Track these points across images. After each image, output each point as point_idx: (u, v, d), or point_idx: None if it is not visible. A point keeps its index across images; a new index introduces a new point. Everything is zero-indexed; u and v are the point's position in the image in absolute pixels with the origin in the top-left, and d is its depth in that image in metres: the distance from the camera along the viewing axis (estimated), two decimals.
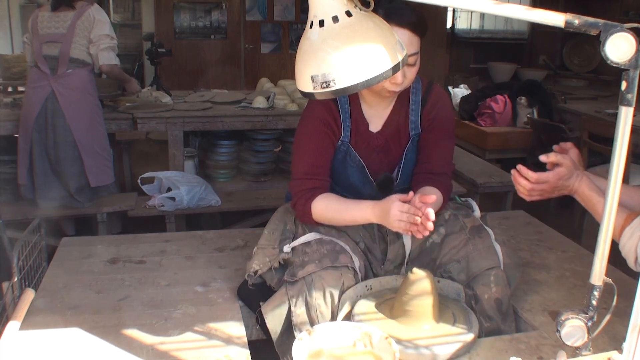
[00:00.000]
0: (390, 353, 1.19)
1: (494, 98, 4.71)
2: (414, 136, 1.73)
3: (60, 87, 3.03)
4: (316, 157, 1.69)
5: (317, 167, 1.69)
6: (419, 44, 1.55)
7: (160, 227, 3.13)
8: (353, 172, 1.73)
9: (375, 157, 1.73)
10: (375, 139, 1.72)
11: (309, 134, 1.69)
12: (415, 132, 1.73)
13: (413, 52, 1.52)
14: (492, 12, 0.86)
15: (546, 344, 1.46)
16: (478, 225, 1.70)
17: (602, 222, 0.83)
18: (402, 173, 1.76)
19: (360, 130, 1.71)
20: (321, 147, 1.69)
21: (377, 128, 1.72)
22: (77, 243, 2.14)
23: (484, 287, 1.58)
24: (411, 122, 1.72)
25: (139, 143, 4.77)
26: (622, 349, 0.80)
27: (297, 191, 1.69)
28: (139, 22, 6.30)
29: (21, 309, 1.59)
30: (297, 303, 1.52)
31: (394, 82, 1.53)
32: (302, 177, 1.68)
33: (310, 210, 1.65)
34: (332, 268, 1.55)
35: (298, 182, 1.69)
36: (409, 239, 1.72)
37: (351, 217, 1.62)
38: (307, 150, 1.70)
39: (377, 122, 1.72)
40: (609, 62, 0.78)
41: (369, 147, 1.72)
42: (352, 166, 1.72)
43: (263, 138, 3.78)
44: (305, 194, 1.66)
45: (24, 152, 3.08)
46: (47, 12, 3.09)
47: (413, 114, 1.72)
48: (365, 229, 1.75)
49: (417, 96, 1.72)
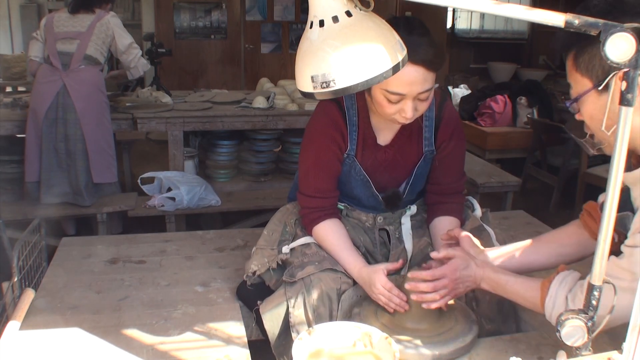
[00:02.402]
0: (390, 353, 1.19)
1: (494, 98, 4.72)
2: (427, 153, 1.67)
3: (72, 82, 3.10)
4: (322, 177, 1.66)
5: (324, 185, 1.66)
6: (433, 79, 1.46)
7: (160, 227, 3.13)
8: (357, 184, 1.70)
9: (382, 171, 1.68)
10: (383, 152, 1.66)
11: (315, 150, 1.65)
12: (429, 148, 1.67)
13: (427, 89, 1.44)
14: (492, 12, 0.86)
15: (546, 344, 1.46)
16: (478, 226, 1.70)
17: (602, 221, 0.83)
18: (410, 188, 1.72)
19: (367, 143, 1.65)
20: (327, 166, 1.65)
21: (386, 141, 1.66)
22: (77, 243, 2.14)
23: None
24: (425, 138, 1.66)
25: (139, 143, 4.76)
26: (622, 349, 0.80)
27: (304, 206, 1.69)
28: (139, 22, 6.30)
29: (21, 309, 1.59)
30: (295, 304, 1.52)
31: (404, 117, 1.47)
32: (309, 193, 1.66)
33: (311, 232, 1.67)
34: (332, 271, 1.56)
35: (306, 199, 1.67)
36: (411, 243, 1.72)
37: (340, 260, 1.60)
38: (313, 168, 1.66)
39: (387, 135, 1.66)
40: (609, 62, 0.78)
41: (375, 161, 1.67)
42: (356, 179, 1.69)
43: (263, 138, 3.78)
44: (312, 214, 1.66)
45: (35, 147, 3.11)
46: (65, 14, 3.26)
47: (427, 131, 1.66)
48: (366, 234, 1.75)
49: (430, 112, 1.65)
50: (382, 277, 1.47)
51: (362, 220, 1.76)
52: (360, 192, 1.72)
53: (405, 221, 1.75)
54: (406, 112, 1.45)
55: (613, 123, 1.05)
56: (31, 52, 3.30)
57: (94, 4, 3.26)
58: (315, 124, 1.67)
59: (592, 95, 1.09)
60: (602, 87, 1.05)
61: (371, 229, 1.76)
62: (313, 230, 1.66)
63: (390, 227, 1.76)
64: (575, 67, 1.11)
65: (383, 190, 1.71)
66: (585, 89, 1.10)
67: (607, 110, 1.03)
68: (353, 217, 1.76)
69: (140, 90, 3.91)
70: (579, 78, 1.11)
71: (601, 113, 1.06)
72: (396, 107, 1.45)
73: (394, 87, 1.42)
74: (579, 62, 1.09)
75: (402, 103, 1.44)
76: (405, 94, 1.42)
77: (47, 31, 3.23)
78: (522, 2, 6.97)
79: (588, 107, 1.11)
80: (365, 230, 1.75)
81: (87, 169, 3.14)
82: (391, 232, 1.75)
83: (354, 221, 1.76)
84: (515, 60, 7.03)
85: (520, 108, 4.66)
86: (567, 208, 4.08)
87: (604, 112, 1.05)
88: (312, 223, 1.66)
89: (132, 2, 6.63)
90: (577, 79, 1.11)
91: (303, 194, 1.68)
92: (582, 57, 1.08)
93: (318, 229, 1.65)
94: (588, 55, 1.07)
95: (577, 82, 1.12)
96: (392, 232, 1.75)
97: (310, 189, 1.66)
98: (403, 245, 1.72)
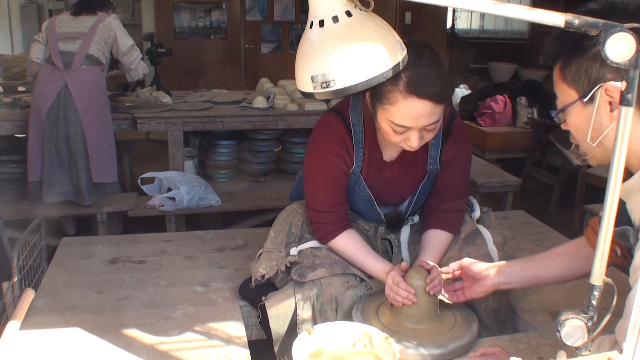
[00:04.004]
0: (390, 353, 1.19)
1: (494, 98, 4.72)
2: (431, 171, 1.64)
3: (74, 81, 3.12)
4: (332, 192, 1.62)
5: (335, 200, 1.63)
6: (441, 111, 1.41)
7: (160, 227, 3.13)
8: (360, 200, 1.68)
9: (386, 187, 1.66)
10: (388, 169, 1.63)
11: (321, 167, 1.61)
12: (433, 167, 1.64)
13: (433, 121, 1.40)
14: (492, 12, 0.86)
15: (546, 344, 1.46)
16: (473, 231, 1.69)
17: (602, 221, 0.83)
18: (414, 205, 1.71)
19: (373, 159, 1.62)
20: (336, 181, 1.62)
21: (392, 157, 1.63)
22: (77, 243, 2.14)
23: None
24: (430, 157, 1.63)
25: (139, 143, 4.77)
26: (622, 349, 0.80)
27: (316, 221, 1.65)
28: (139, 22, 6.30)
29: (21, 309, 1.59)
30: (304, 306, 1.52)
31: (410, 145, 1.44)
32: (322, 209, 1.62)
33: (328, 244, 1.64)
34: (342, 275, 1.56)
35: (317, 214, 1.63)
36: (407, 253, 1.72)
37: (367, 271, 1.60)
38: (322, 185, 1.62)
39: (392, 151, 1.62)
40: (609, 62, 0.78)
41: (380, 177, 1.64)
42: (360, 195, 1.67)
43: (263, 138, 3.78)
44: (325, 228, 1.63)
45: (37, 146, 3.12)
46: (67, 16, 3.31)
47: (433, 149, 1.62)
48: (369, 243, 1.73)
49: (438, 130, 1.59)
50: (393, 273, 1.47)
51: (365, 229, 1.76)
52: (363, 207, 1.71)
53: (405, 230, 1.75)
54: (412, 142, 1.42)
55: (598, 134, 1.05)
56: (32, 54, 3.31)
57: (96, 7, 3.30)
58: (321, 139, 1.62)
59: (577, 107, 1.08)
60: (588, 98, 1.04)
61: (373, 237, 1.75)
62: (329, 244, 1.63)
63: (391, 236, 1.75)
64: (561, 78, 1.10)
65: (386, 205, 1.70)
66: (571, 99, 1.09)
67: (592, 122, 1.03)
68: (355, 225, 1.74)
69: (140, 90, 3.91)
70: (565, 88, 1.10)
71: (586, 124, 1.06)
72: (402, 136, 1.43)
73: (399, 119, 1.38)
74: (565, 73, 1.08)
75: (408, 133, 1.41)
76: (411, 126, 1.39)
77: (49, 32, 3.25)
78: (522, 2, 6.97)
79: (573, 118, 1.10)
80: (367, 238, 1.74)
81: (88, 169, 3.15)
82: (392, 241, 1.75)
83: (356, 229, 1.73)
84: (515, 60, 7.03)
85: (520, 108, 4.66)
86: (567, 208, 4.08)
87: (589, 123, 1.05)
88: (327, 237, 1.63)
89: (132, 2, 6.63)
90: (563, 89, 1.10)
91: (314, 210, 1.64)
92: (568, 67, 1.07)
93: (336, 243, 1.62)
94: (575, 66, 1.06)
95: (563, 93, 1.11)
96: (393, 241, 1.75)
97: (321, 205, 1.62)
98: (401, 255, 1.72)
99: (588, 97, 1.04)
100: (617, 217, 0.85)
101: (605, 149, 1.08)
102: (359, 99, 1.58)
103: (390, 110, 1.38)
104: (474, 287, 1.45)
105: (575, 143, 1.15)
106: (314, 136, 1.64)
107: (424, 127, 1.40)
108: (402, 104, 1.36)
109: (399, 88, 1.34)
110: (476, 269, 1.45)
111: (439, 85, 1.35)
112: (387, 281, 1.48)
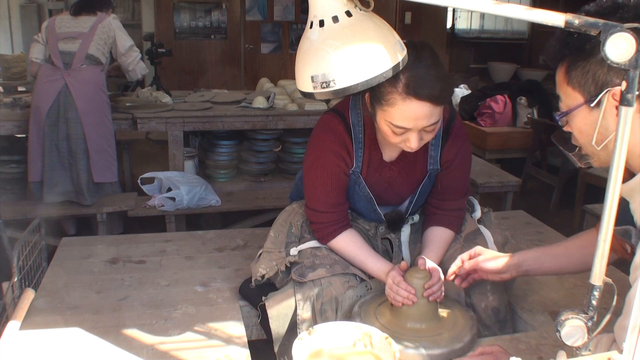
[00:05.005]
0: (390, 353, 1.19)
1: (494, 98, 4.72)
2: (431, 171, 1.64)
3: (74, 81, 3.12)
4: (332, 192, 1.62)
5: (335, 199, 1.63)
6: (440, 112, 1.41)
7: (160, 227, 3.13)
8: (360, 200, 1.68)
9: (386, 187, 1.66)
10: (388, 169, 1.63)
11: (322, 168, 1.61)
12: (433, 167, 1.64)
13: (433, 122, 1.40)
14: (492, 12, 0.86)
15: (546, 344, 1.46)
16: (474, 231, 1.69)
17: (602, 221, 0.83)
18: (414, 205, 1.71)
19: (373, 159, 1.62)
20: (336, 181, 1.62)
21: (392, 157, 1.63)
22: (77, 243, 2.14)
23: (480, 295, 1.58)
24: (430, 157, 1.63)
25: (139, 143, 4.77)
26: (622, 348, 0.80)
27: (316, 221, 1.65)
28: (139, 22, 6.31)
29: (21, 309, 1.59)
30: (304, 306, 1.52)
31: (409, 147, 1.44)
32: (321, 209, 1.62)
33: (327, 244, 1.65)
34: (342, 275, 1.56)
35: (317, 214, 1.63)
36: (408, 252, 1.72)
37: (368, 270, 1.60)
38: (322, 185, 1.62)
39: (392, 151, 1.62)
40: (609, 62, 0.78)
41: (380, 178, 1.64)
42: (359, 195, 1.67)
43: (263, 138, 3.78)
44: (326, 228, 1.63)
45: (38, 146, 3.12)
46: (67, 16, 3.31)
47: (433, 149, 1.62)
48: (370, 243, 1.73)
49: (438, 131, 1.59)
50: (394, 273, 1.47)
51: (365, 229, 1.76)
52: (363, 207, 1.71)
53: (405, 229, 1.75)
54: (411, 143, 1.42)
55: (604, 138, 1.04)
56: (32, 54, 3.32)
57: (96, 7, 3.30)
58: (321, 139, 1.62)
59: (583, 110, 1.06)
60: (595, 103, 1.03)
61: (374, 237, 1.75)
62: (329, 244, 1.64)
63: (392, 235, 1.75)
64: (566, 81, 1.08)
65: (386, 205, 1.70)
66: (576, 103, 1.07)
67: (598, 126, 1.02)
68: (356, 225, 1.75)
69: (140, 90, 3.91)
70: (570, 92, 1.08)
71: (592, 128, 1.05)
72: (401, 137, 1.43)
73: (398, 121, 1.38)
74: (571, 76, 1.07)
75: (408, 134, 1.41)
76: (410, 128, 1.39)
77: (49, 33, 3.26)
78: (522, 2, 6.97)
79: (578, 121, 1.09)
80: (368, 238, 1.74)
81: (89, 168, 3.15)
82: (393, 240, 1.75)
83: (357, 229, 1.74)
84: (515, 60, 7.04)
85: (520, 108, 4.66)
86: (567, 208, 4.08)
87: (594, 127, 1.03)
88: (327, 237, 1.63)
89: (132, 2, 6.63)
90: (568, 92, 1.09)
91: (314, 209, 1.64)
92: (574, 71, 1.06)
93: (336, 243, 1.63)
94: (581, 70, 1.05)
95: (567, 96, 1.10)
96: (393, 240, 1.75)
97: (321, 205, 1.62)
98: (401, 255, 1.72)
99: (595, 102, 1.03)
100: (621, 217, 0.85)
101: (609, 152, 1.06)
102: (358, 99, 1.58)
103: (389, 111, 1.38)
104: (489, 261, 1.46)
105: (578, 145, 1.14)
106: (314, 136, 1.64)
107: (423, 128, 1.40)
108: (401, 105, 1.36)
109: (398, 89, 1.34)
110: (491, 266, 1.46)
111: (438, 86, 1.34)
112: (387, 281, 1.48)
